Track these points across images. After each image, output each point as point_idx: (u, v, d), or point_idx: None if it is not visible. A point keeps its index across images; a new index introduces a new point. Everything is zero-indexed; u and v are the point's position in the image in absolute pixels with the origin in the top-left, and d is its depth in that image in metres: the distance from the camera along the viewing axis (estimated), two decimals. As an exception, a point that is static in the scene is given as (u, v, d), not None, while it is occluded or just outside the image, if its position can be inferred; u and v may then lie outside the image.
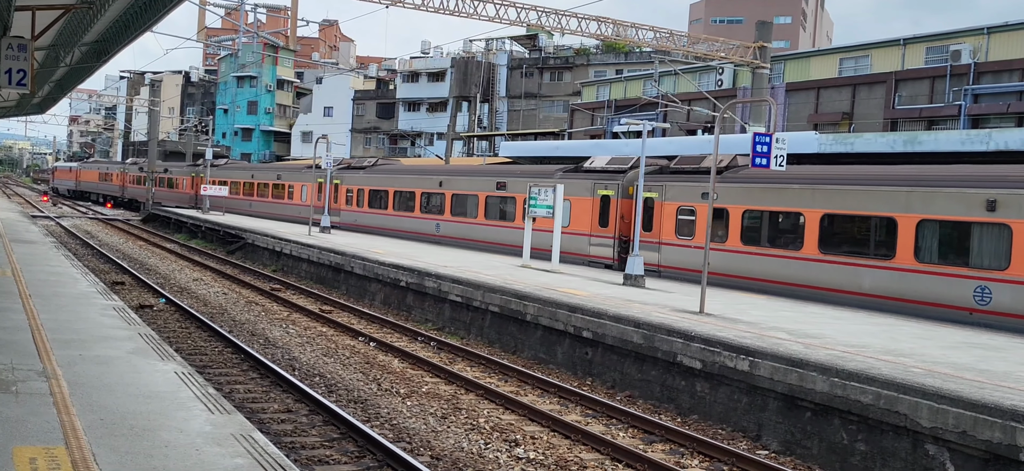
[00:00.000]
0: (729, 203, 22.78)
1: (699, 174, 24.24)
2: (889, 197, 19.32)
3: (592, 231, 27.09)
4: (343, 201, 41.09)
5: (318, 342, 18.31)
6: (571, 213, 27.45)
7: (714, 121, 31.90)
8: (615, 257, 26.22)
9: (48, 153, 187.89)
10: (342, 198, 41.32)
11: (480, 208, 32.25)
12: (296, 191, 46.37)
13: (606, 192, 26.66)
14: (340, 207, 41.24)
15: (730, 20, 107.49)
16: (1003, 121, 36.99)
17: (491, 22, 31.42)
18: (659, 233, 24.85)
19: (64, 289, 16.16)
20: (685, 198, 24.26)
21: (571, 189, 27.12)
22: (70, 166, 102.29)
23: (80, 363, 9.81)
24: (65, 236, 42.20)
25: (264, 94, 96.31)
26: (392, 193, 37.41)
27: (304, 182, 45.64)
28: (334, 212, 40.90)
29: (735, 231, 22.70)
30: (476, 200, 32.36)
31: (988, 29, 40.09)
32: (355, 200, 40.29)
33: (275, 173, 49.39)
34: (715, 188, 17.56)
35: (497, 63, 76.52)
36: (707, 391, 13.47)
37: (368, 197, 39.29)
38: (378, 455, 10.41)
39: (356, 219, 39.91)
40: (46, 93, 37.79)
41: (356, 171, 41.11)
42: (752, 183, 22.43)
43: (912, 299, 18.87)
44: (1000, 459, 9.47)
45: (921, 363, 12.02)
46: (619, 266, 25.51)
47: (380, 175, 38.99)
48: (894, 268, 19.19)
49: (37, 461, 6.44)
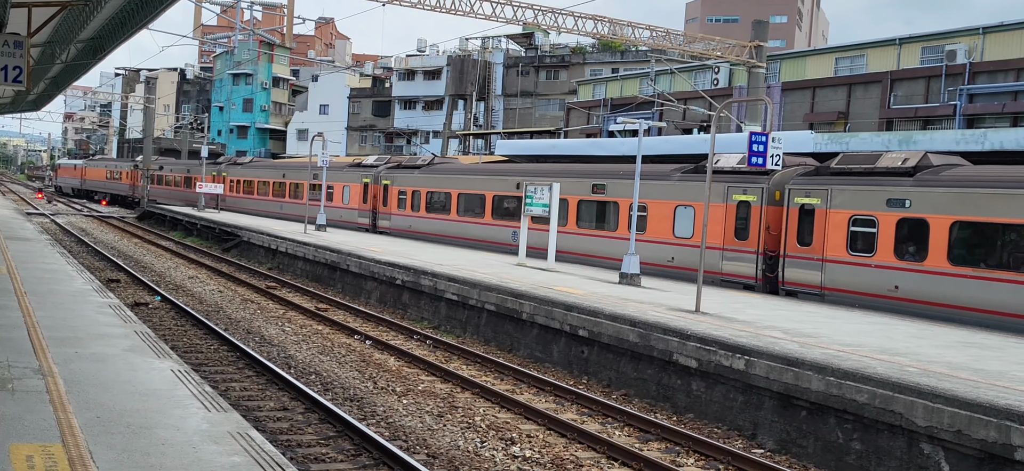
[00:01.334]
0: (929, 212, 18.70)
1: (879, 176, 20.14)
2: None
3: (726, 244, 22.80)
4: (394, 204, 36.81)
5: (314, 340, 18.30)
6: (696, 222, 23.56)
7: (710, 120, 31.91)
8: (759, 275, 22.14)
9: (43, 150, 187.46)
10: (393, 201, 37.11)
11: (571, 215, 27.40)
12: (336, 193, 41.95)
13: (745, 197, 22.44)
14: (390, 211, 37.21)
15: (726, 19, 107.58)
16: (998, 121, 37.08)
17: (488, 20, 31.46)
18: (822, 248, 20.75)
19: (60, 286, 16.14)
20: (861, 205, 20.04)
21: (694, 193, 23.53)
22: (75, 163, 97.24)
23: (76, 361, 9.80)
24: (60, 233, 42.11)
25: (260, 92, 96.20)
26: (456, 196, 33.11)
27: (347, 182, 41.40)
28: (384, 216, 37.70)
29: (939, 248, 18.45)
30: (565, 206, 27.18)
31: (983, 29, 40.19)
32: (409, 203, 35.94)
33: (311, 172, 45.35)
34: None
35: (493, 61, 76.51)
36: (703, 390, 13.50)
37: (425, 200, 34.82)
38: (374, 453, 10.42)
39: (411, 225, 35.84)
40: (41, 90, 37.71)
41: (409, 171, 36.87)
42: (968, 187, 18.23)
43: None
44: (995, 458, 9.50)
45: (916, 362, 12.06)
46: (764, 287, 22.02)
47: (439, 175, 34.71)
48: None
49: (34, 459, 6.43)
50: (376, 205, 38.70)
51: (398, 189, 36.79)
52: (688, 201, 23.82)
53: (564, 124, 61.53)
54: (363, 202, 39.36)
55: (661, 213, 24.63)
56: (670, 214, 24.36)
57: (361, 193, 39.57)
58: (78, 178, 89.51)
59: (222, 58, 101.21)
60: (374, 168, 39.50)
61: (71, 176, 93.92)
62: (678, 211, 24.23)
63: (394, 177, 37.24)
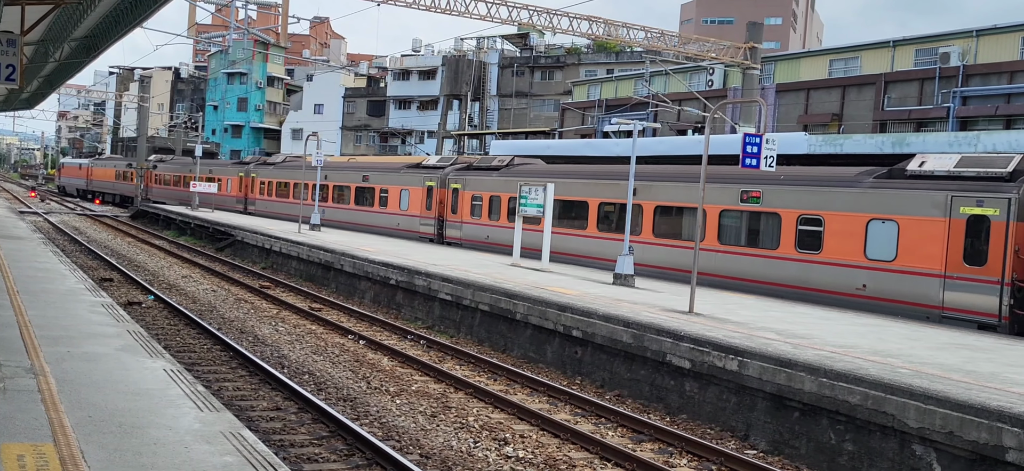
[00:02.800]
0: None
1: None
2: None
3: (947, 270, 18.30)
4: (466, 211, 32.14)
5: (308, 340, 18.28)
6: (899, 240, 19.13)
7: (705, 121, 31.88)
8: (1003, 311, 17.55)
9: (36, 148, 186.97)
10: (465, 207, 32.52)
11: (712, 229, 23.06)
12: (391, 198, 37.10)
13: (979, 210, 17.92)
14: (461, 218, 32.68)
15: (721, 21, 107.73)
16: (991, 123, 37.21)
17: (483, 21, 31.47)
18: None
19: (52, 285, 16.10)
20: None
21: (897, 204, 19.26)
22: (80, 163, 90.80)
23: (68, 360, 9.78)
24: (53, 232, 42.00)
25: (254, 91, 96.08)
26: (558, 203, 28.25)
27: (405, 186, 36.36)
28: (453, 225, 33.31)
29: None
30: (680, 215, 23.74)
31: (977, 32, 40.34)
32: (486, 210, 31.40)
33: (359, 173, 39.82)
34: None
35: (488, 62, 76.54)
36: (696, 391, 13.51)
37: (507, 207, 30.29)
38: (367, 453, 10.41)
39: (488, 235, 31.37)
40: (35, 88, 37.64)
41: (484, 173, 32.30)
42: None
43: None
44: (986, 460, 9.53)
45: (909, 364, 12.08)
46: (1012, 326, 17.59)
47: (525, 179, 29.25)
48: None
49: (25, 458, 6.41)
50: (443, 212, 33.92)
51: (471, 194, 32.13)
52: (887, 214, 19.37)
53: (559, 125, 61.58)
54: (426, 208, 34.74)
55: (845, 228, 20.15)
56: (859, 230, 19.89)
57: (423, 198, 34.97)
58: (84, 178, 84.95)
59: (217, 57, 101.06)
60: (439, 170, 34.92)
61: (76, 176, 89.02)
62: (872, 227, 19.68)
63: (465, 180, 32.63)
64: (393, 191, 37.11)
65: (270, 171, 48.88)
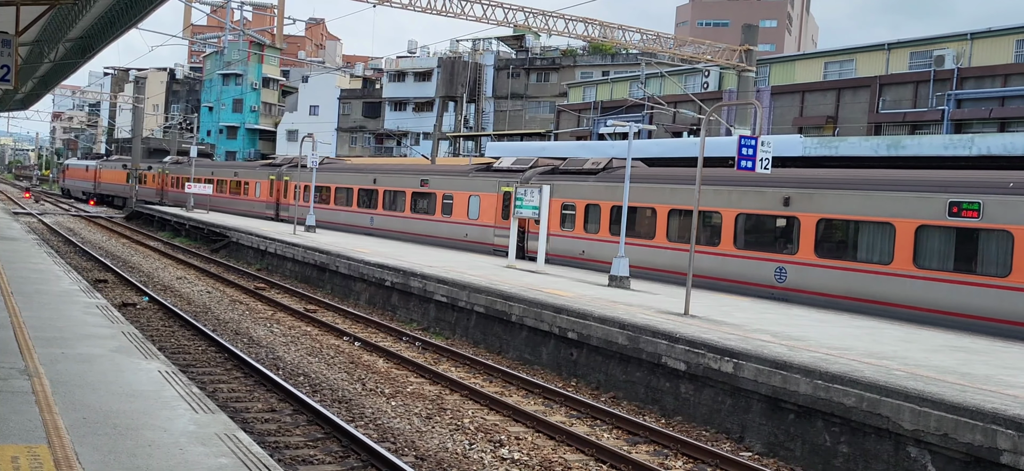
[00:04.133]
0: None
1: None
2: None
3: None
4: (556, 221, 27.73)
5: (303, 341, 18.25)
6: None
7: (700, 123, 31.82)
8: None
9: (31, 149, 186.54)
10: (553, 217, 27.85)
11: (904, 249, 18.88)
12: (457, 204, 32.83)
13: None
14: (550, 229, 27.17)
15: (716, 23, 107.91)
16: (985, 126, 37.32)
17: (478, 22, 31.47)
18: None
19: (46, 287, 16.05)
20: None
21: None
22: (87, 164, 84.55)
23: (62, 361, 9.74)
24: (47, 233, 41.90)
25: (250, 92, 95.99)
26: (665, 213, 24.18)
27: (473, 192, 31.90)
28: (535, 236, 27.85)
29: None
30: (856, 231, 19.62)
31: (971, 35, 40.47)
32: (582, 220, 27.05)
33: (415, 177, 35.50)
34: None
35: (484, 63, 76.56)
36: (691, 393, 13.52)
37: (608, 217, 25.92)
38: (362, 455, 10.39)
39: (585, 250, 26.94)
40: (29, 89, 37.58)
41: (576, 177, 27.78)
42: None
43: None
44: (981, 462, 9.55)
45: (904, 366, 12.10)
46: None
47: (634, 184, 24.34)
48: None
49: (19, 460, 6.39)
50: (523, 222, 29.41)
51: (561, 201, 27.65)
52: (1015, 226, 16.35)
53: (554, 126, 61.61)
54: (502, 218, 30.10)
55: None
56: None
57: (497, 206, 30.53)
58: (91, 181, 79.34)
59: (212, 58, 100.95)
60: (517, 173, 30.38)
61: (83, 178, 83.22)
62: None
63: (553, 185, 27.80)
64: (460, 198, 32.42)
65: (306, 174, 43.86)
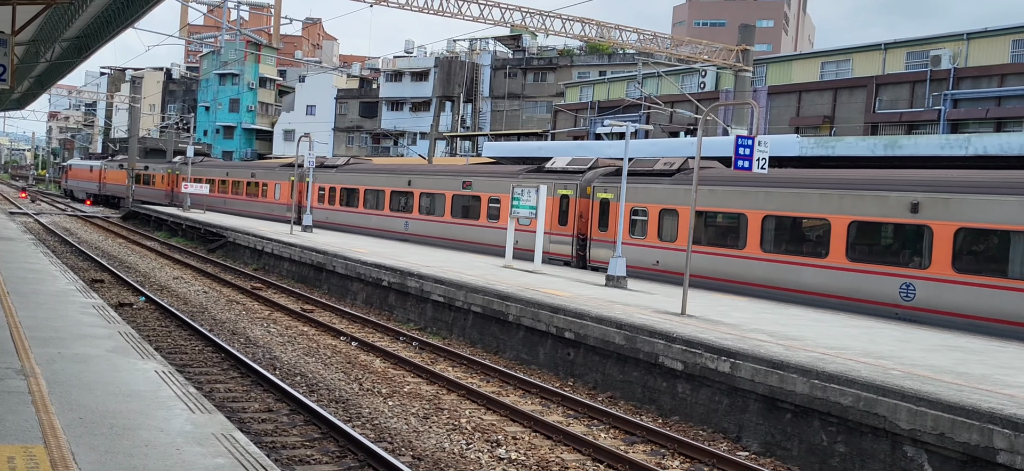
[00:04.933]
0: None
1: None
2: None
3: None
4: (654, 233, 24.42)
5: (299, 341, 18.24)
6: None
7: (697, 123, 31.78)
8: None
9: (27, 149, 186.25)
10: (616, 222, 24.15)
11: None
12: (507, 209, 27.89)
13: None
14: (607, 236, 25.36)
15: (713, 23, 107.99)
16: (982, 126, 37.37)
17: (475, 22, 31.48)
18: None
19: (43, 287, 16.03)
20: None
21: None
22: (91, 165, 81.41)
23: (59, 361, 9.73)
24: (43, 233, 41.84)
25: (246, 92, 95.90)
26: (758, 220, 21.51)
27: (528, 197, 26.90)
28: (600, 243, 26.04)
29: None
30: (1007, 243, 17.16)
31: (968, 35, 40.52)
32: (655, 228, 24.35)
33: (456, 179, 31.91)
34: None
35: (481, 63, 76.55)
36: (688, 392, 13.53)
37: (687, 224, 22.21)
38: (359, 455, 10.39)
39: (659, 260, 24.21)
40: (25, 89, 37.52)
41: (647, 180, 24.85)
42: None
43: None
44: (978, 461, 9.56)
45: (901, 366, 12.12)
46: None
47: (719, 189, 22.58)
48: None
49: (15, 460, 6.38)
50: (585, 229, 27.06)
51: (630, 206, 24.89)
52: None
53: (551, 126, 61.62)
54: (559, 223, 27.41)
55: None
56: None
57: (553, 211, 27.51)
58: (95, 181, 76.37)
59: (208, 58, 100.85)
60: (576, 175, 27.55)
61: (87, 179, 79.66)
62: None
63: (619, 187, 23.96)
64: (507, 201, 28.68)
65: (332, 175, 41.19)
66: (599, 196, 26.31)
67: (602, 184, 26.41)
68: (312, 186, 41.02)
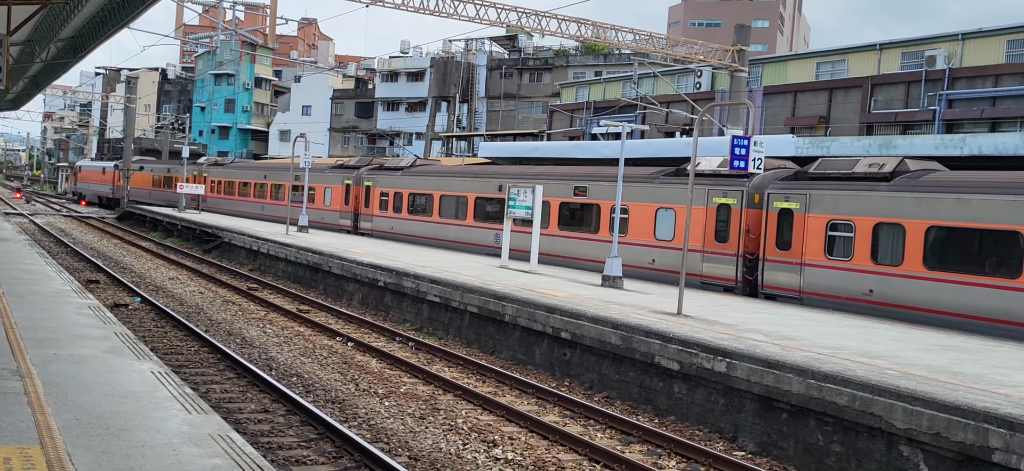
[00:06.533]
0: None
1: None
2: None
3: None
4: (817, 247, 20.62)
5: (295, 342, 18.23)
6: None
7: (693, 123, 31.78)
8: None
9: (21, 150, 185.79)
10: (812, 240, 20.69)
11: None
12: (636, 220, 25.12)
13: None
14: (805, 256, 20.84)
15: (708, 23, 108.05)
16: (977, 126, 37.45)
17: (471, 22, 31.46)
18: None
19: (38, 287, 15.99)
20: None
21: None
22: (103, 166, 76.34)
23: (55, 362, 9.71)
24: (39, 234, 41.75)
25: (242, 92, 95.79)
26: None
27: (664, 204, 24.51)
28: (782, 266, 21.35)
29: None
30: None
31: (962, 35, 40.59)
32: (870, 246, 19.55)
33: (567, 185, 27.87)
34: None
35: (476, 63, 76.53)
36: (684, 392, 13.54)
37: (922, 243, 18.64)
38: (356, 456, 10.38)
39: (874, 288, 19.48)
40: (21, 89, 37.45)
41: (849, 185, 20.32)
42: None
43: None
44: (973, 460, 9.58)
45: (896, 365, 12.14)
46: None
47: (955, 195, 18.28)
48: None
49: (11, 461, 6.37)
50: (755, 246, 22.38)
51: (827, 219, 20.43)
52: None
53: (547, 127, 61.61)
54: (718, 240, 23.04)
55: None
56: None
57: (708, 224, 23.25)
58: (109, 184, 71.38)
59: (204, 58, 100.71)
60: (738, 179, 22.70)
61: (99, 181, 74.79)
62: None
63: (810, 196, 20.84)
64: (639, 212, 25.07)
65: (396, 179, 36.36)
66: (778, 205, 21.54)
67: (781, 190, 21.62)
68: (373, 191, 37.65)
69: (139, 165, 66.03)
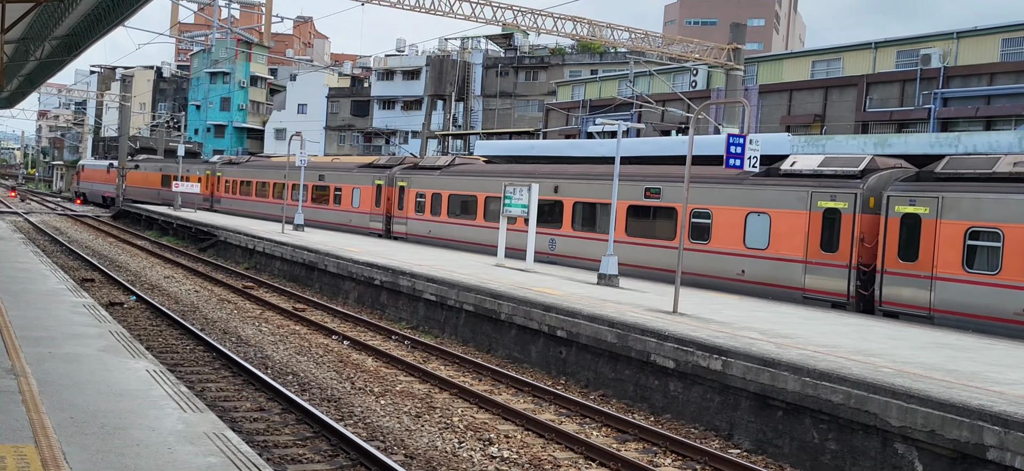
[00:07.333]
0: None
1: None
2: None
3: None
4: (953, 258, 18.16)
5: (291, 340, 18.21)
6: None
7: (688, 122, 31.80)
8: None
9: (16, 148, 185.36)
10: (948, 250, 18.25)
11: None
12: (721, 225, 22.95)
13: None
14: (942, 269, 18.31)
15: (704, 22, 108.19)
16: (971, 124, 37.52)
17: (467, 21, 31.46)
18: None
19: (33, 286, 15.96)
20: None
21: None
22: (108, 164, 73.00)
23: (49, 361, 9.69)
24: (33, 232, 41.66)
25: (237, 90, 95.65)
26: None
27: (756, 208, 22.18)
28: (909, 279, 18.81)
29: None
30: None
31: (957, 34, 40.66)
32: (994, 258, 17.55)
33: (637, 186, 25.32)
34: None
35: (472, 62, 76.49)
36: (680, 390, 13.55)
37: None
38: (351, 454, 10.38)
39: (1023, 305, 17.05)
40: (15, 87, 37.36)
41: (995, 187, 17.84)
42: None
43: None
44: (967, 458, 9.61)
45: (891, 363, 12.16)
46: None
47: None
48: None
49: (6, 460, 6.35)
50: (869, 256, 20.10)
51: (966, 226, 18.00)
52: None
53: (543, 125, 61.60)
54: (822, 249, 20.72)
55: None
56: None
57: (810, 230, 20.91)
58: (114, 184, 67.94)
59: (199, 56, 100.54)
60: (850, 181, 20.56)
61: (104, 181, 71.45)
62: None
63: (945, 199, 18.43)
64: (726, 216, 22.74)
65: (434, 179, 33.62)
66: (900, 210, 19.11)
67: (905, 192, 19.12)
68: (408, 192, 34.94)
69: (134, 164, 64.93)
